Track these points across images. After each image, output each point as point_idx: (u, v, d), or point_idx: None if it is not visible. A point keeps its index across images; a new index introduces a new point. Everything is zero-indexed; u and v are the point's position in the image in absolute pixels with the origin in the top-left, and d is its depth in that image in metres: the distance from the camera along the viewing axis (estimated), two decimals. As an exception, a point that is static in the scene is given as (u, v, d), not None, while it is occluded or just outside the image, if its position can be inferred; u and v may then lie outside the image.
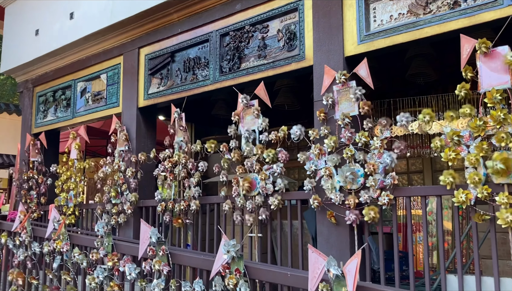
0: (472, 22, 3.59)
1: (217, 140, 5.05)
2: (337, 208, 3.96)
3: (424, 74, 5.60)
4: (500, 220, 3.15)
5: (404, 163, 7.26)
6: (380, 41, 4.04)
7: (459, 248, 3.43)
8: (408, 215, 3.74)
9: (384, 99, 5.81)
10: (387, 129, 3.84)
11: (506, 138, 3.19)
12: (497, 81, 3.31)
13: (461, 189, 3.35)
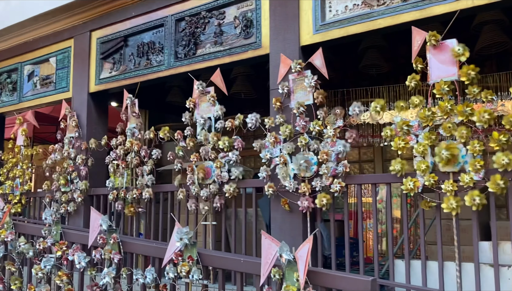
0: (423, 15, 3.69)
1: (172, 128, 4.98)
2: (291, 196, 4.01)
3: (376, 65, 5.74)
4: (445, 207, 3.29)
5: (356, 152, 7.44)
6: (335, 31, 4.09)
7: (406, 235, 3.56)
8: (359, 202, 3.84)
9: (338, 89, 5.90)
10: (340, 118, 3.90)
11: (453, 128, 3.31)
12: (445, 73, 3.43)
13: (410, 177, 3.47)
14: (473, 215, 3.30)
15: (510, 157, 3.12)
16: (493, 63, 5.89)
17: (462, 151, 3.28)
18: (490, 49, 5.06)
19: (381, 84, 5.92)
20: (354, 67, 6.10)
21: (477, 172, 3.20)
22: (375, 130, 6.07)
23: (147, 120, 7.99)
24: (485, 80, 5.26)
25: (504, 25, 4.90)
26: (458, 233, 3.35)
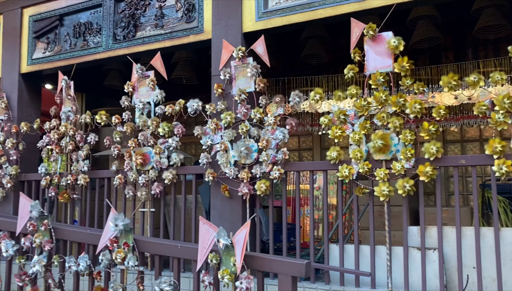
0: (362, 7, 3.79)
1: (110, 112, 4.82)
2: (231, 182, 4.01)
3: (317, 55, 5.84)
4: (378, 193, 3.43)
5: (296, 141, 7.57)
6: (277, 19, 4.11)
7: (341, 220, 3.68)
8: (297, 189, 3.91)
9: (280, 78, 5.96)
10: (281, 107, 3.94)
11: (386, 117, 3.44)
12: (381, 64, 3.55)
13: (345, 164, 3.58)
14: (403, 201, 3.46)
15: (439, 146, 3.30)
16: (426, 56, 6.18)
17: (394, 140, 3.43)
18: (423, 43, 5.29)
19: (322, 74, 6.04)
20: (296, 56, 6.17)
21: (408, 160, 3.35)
22: (314, 119, 6.19)
23: (83, 103, 7.68)
24: (418, 72, 5.50)
25: (437, 21, 5.13)
26: (389, 219, 3.51)
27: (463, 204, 6.30)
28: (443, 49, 6.21)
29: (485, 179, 5.96)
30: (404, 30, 4.93)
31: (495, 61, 5.21)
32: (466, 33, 5.69)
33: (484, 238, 3.32)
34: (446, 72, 4.88)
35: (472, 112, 3.45)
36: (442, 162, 3.35)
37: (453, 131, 6.50)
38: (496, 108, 3.13)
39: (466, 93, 4.28)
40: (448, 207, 5.01)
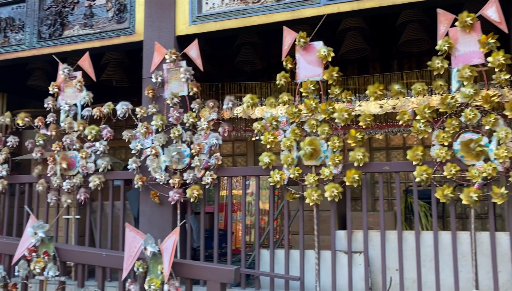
0: (295, 16, 3.86)
1: (34, 114, 4.56)
2: (162, 188, 3.93)
3: (251, 62, 5.88)
4: (308, 199, 3.50)
5: (230, 146, 7.57)
6: (211, 24, 4.09)
7: (272, 225, 3.71)
8: (229, 194, 3.90)
9: (213, 83, 5.94)
10: (214, 111, 3.92)
11: (316, 125, 3.53)
12: (312, 73, 3.64)
13: (277, 170, 3.62)
14: (332, 206, 3.56)
15: (365, 153, 3.43)
16: (354, 67, 6.42)
17: (323, 147, 3.52)
18: (352, 54, 5.49)
19: (256, 81, 6.09)
20: (231, 62, 6.18)
21: (336, 166, 3.45)
22: (248, 125, 6.22)
23: (4, 104, 7.18)
24: (347, 82, 5.70)
25: (365, 33, 5.35)
26: (318, 223, 3.59)
27: (388, 209, 6.59)
28: (370, 60, 6.48)
29: (408, 185, 6.27)
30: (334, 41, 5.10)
31: (417, 73, 5.52)
32: (392, 45, 5.97)
33: (406, 241, 3.48)
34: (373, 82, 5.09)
35: (396, 121, 3.61)
36: (368, 168, 3.49)
37: (379, 138, 6.79)
38: (418, 117, 3.31)
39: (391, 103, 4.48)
40: (374, 211, 5.22)
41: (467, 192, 3.14)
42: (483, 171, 3.10)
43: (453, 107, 3.22)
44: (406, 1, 3.57)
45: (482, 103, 3.15)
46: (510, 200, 3.18)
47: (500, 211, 5.63)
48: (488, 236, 3.28)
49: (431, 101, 4.73)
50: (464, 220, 6.07)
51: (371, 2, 3.65)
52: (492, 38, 3.13)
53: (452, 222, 3.38)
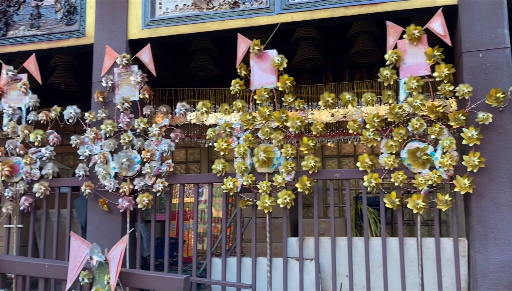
0: (249, 23, 3.88)
1: (-26, 117, 4.31)
2: (111, 196, 3.81)
3: (205, 68, 5.86)
4: (260, 206, 3.50)
5: (183, 153, 7.49)
6: (164, 29, 4.04)
7: (224, 233, 3.68)
8: (181, 202, 3.84)
9: (166, 88, 5.86)
10: (166, 117, 3.86)
11: (270, 132, 3.54)
12: (266, 80, 3.65)
13: (230, 177, 3.60)
14: (284, 213, 3.57)
15: (317, 160, 3.47)
16: (308, 76, 6.53)
17: (277, 154, 3.53)
18: (306, 63, 5.58)
19: (210, 87, 6.07)
20: (185, 68, 6.13)
21: (289, 173, 3.48)
22: (202, 131, 6.18)
23: None
24: (300, 90, 5.79)
25: (318, 43, 5.46)
26: (271, 230, 3.60)
27: (339, 216, 6.71)
28: (323, 70, 6.61)
29: (358, 192, 6.42)
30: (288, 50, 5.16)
31: (367, 83, 5.68)
32: (344, 56, 6.12)
33: (356, 247, 3.54)
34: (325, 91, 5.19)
35: (347, 129, 3.69)
36: (320, 175, 3.53)
37: (331, 146, 6.92)
38: (367, 126, 3.39)
39: (342, 112, 4.59)
40: (325, 218, 5.30)
41: (414, 199, 3.24)
42: (429, 178, 3.21)
43: (400, 117, 3.32)
44: (357, 13, 3.66)
45: (428, 113, 3.27)
46: (454, 207, 3.31)
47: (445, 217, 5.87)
48: (433, 242, 3.39)
49: (380, 110, 4.87)
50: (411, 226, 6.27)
51: (323, 13, 3.72)
52: (437, 51, 3.26)
53: (399, 228, 3.48)
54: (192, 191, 6.66)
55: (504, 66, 3.30)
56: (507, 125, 3.22)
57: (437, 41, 3.45)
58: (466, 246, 3.39)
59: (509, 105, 3.20)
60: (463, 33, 3.40)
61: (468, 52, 3.37)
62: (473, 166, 3.13)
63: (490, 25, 3.36)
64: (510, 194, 3.18)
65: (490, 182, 3.21)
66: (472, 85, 3.21)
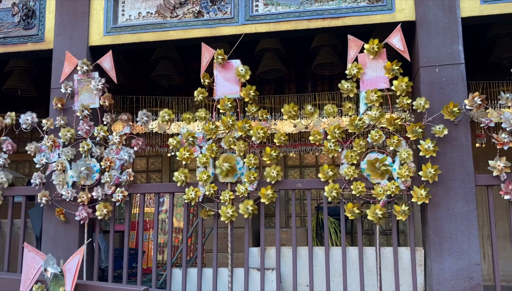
0: (213, 33, 3.88)
1: None
2: (68, 205, 3.70)
3: (168, 76, 5.81)
4: (222, 216, 3.48)
5: (144, 162, 7.38)
6: (127, 36, 3.99)
7: (185, 244, 3.64)
8: (141, 212, 3.77)
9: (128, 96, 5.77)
10: (127, 125, 3.80)
11: (233, 142, 3.54)
12: (229, 90, 3.66)
13: (192, 186, 3.57)
14: (246, 223, 3.56)
15: (279, 170, 3.49)
16: (271, 86, 6.60)
17: (239, 164, 3.53)
18: (269, 74, 5.64)
19: (174, 95, 6.02)
20: (148, 76, 6.07)
21: (251, 183, 3.48)
22: (164, 140, 6.12)
23: None
24: (263, 101, 5.85)
25: (282, 54, 5.53)
26: (232, 240, 3.58)
27: (301, 225, 6.76)
28: (286, 81, 6.69)
29: (319, 201, 6.49)
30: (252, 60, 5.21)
31: (329, 95, 5.78)
32: (307, 68, 6.22)
33: (316, 257, 3.58)
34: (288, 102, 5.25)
35: (309, 140, 3.73)
36: (282, 185, 3.55)
37: (293, 156, 6.99)
38: (328, 137, 3.44)
39: (304, 122, 4.65)
40: (287, 228, 5.32)
41: (373, 209, 3.31)
42: (387, 189, 3.29)
43: (360, 128, 3.40)
44: (319, 26, 3.74)
45: (386, 125, 3.36)
46: (411, 216, 3.40)
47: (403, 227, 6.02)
48: (391, 251, 3.47)
49: (341, 122, 4.96)
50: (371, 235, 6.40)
51: (287, 25, 3.77)
52: (396, 65, 3.36)
53: (359, 238, 3.54)
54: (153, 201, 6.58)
55: (459, 81, 3.44)
56: (462, 138, 3.35)
57: (397, 55, 3.56)
58: (422, 255, 3.49)
59: (463, 119, 3.33)
60: (421, 48, 3.53)
61: (425, 67, 3.49)
62: (429, 177, 3.23)
63: (446, 42, 3.50)
64: (464, 205, 3.29)
65: (445, 193, 3.32)
66: (429, 99, 3.32)
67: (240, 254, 4.02)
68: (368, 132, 3.40)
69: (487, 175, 3.31)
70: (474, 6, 3.52)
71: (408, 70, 3.67)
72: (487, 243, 5.62)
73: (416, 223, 3.78)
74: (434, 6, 3.55)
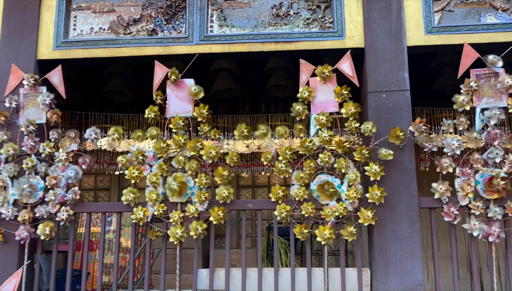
0: (167, 52, 3.87)
1: None
2: (7, 224, 3.52)
3: (121, 93, 5.71)
4: (171, 236, 3.42)
5: (92, 180, 7.17)
6: (78, 51, 3.90)
7: (132, 265, 3.52)
8: (87, 232, 3.65)
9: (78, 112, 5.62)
10: (75, 142, 3.69)
11: (184, 161, 3.51)
12: (182, 109, 3.64)
13: (141, 206, 3.49)
14: (195, 243, 3.52)
15: (230, 191, 3.48)
16: (225, 106, 6.62)
17: (190, 183, 3.50)
18: (223, 94, 5.66)
19: (125, 113, 5.92)
20: (99, 92, 5.94)
21: (202, 203, 3.45)
22: (113, 158, 5.97)
23: None
24: (217, 120, 5.85)
25: (236, 74, 5.58)
26: (181, 262, 3.52)
27: (252, 246, 6.74)
28: (240, 101, 6.74)
29: (271, 222, 6.52)
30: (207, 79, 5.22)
31: (281, 116, 5.87)
32: (261, 89, 6.29)
33: (266, 278, 3.57)
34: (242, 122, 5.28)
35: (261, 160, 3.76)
36: (233, 205, 3.55)
37: (245, 177, 7.00)
38: (280, 158, 3.48)
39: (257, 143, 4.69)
40: (238, 248, 5.29)
41: (322, 230, 3.35)
42: (336, 210, 3.35)
43: (311, 150, 3.46)
44: (273, 49, 3.81)
45: (335, 148, 3.44)
46: (359, 238, 3.47)
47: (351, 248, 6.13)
48: (339, 272, 3.51)
49: (293, 143, 5.04)
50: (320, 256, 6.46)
51: (241, 46, 3.82)
52: (345, 90, 3.47)
53: (307, 258, 3.57)
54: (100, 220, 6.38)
55: (404, 107, 3.59)
56: (406, 162, 3.48)
57: (346, 80, 3.67)
58: (369, 276, 3.56)
59: (408, 143, 3.47)
60: (369, 74, 3.66)
61: (373, 93, 3.62)
62: (375, 199, 3.32)
63: (393, 69, 3.65)
64: (409, 226, 3.40)
65: (391, 215, 3.42)
66: (376, 123, 3.44)
67: (189, 276, 3.94)
68: (318, 154, 3.46)
69: (430, 198, 3.44)
70: (419, 36, 3.70)
71: (357, 95, 3.80)
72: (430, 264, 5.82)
73: (364, 244, 3.87)
74: (382, 34, 3.70)
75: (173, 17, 3.93)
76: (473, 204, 3.31)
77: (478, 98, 3.43)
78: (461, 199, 3.35)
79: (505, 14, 3.72)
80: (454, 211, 3.32)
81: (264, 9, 3.89)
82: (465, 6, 3.77)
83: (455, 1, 3.77)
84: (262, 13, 3.88)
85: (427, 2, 3.74)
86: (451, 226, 3.41)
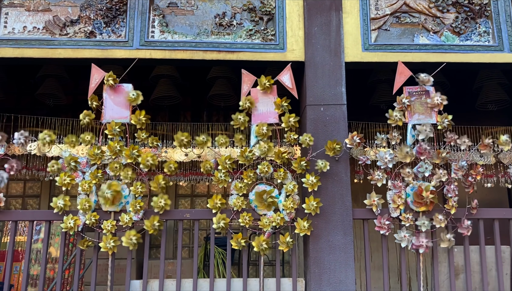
0: (105, 55, 3.75)
1: None
2: None
3: (55, 95, 5.46)
4: (103, 247, 3.29)
5: (21, 186, 6.77)
6: (8, 50, 3.69)
7: (60, 276, 3.36)
8: (11, 241, 3.43)
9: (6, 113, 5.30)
10: (1, 146, 3.47)
11: (119, 168, 3.39)
12: (119, 114, 3.53)
13: (71, 214, 3.34)
14: (128, 254, 3.40)
15: (167, 200, 3.40)
16: (166, 113, 6.51)
17: (125, 192, 3.39)
18: (164, 100, 5.57)
19: (59, 116, 5.66)
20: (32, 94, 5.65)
21: (137, 212, 3.35)
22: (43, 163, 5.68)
23: None
24: (156, 127, 5.74)
25: (178, 82, 5.51)
26: (113, 273, 3.39)
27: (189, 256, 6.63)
28: (182, 109, 6.66)
29: (209, 232, 6.45)
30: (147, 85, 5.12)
31: (222, 125, 5.86)
32: (203, 97, 6.25)
33: (201, 289, 3.51)
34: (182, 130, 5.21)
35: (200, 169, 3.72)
36: (169, 215, 3.47)
37: (184, 186, 6.90)
38: (219, 167, 3.45)
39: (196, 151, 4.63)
40: (175, 259, 5.19)
41: (258, 240, 3.35)
42: (273, 220, 3.37)
43: (250, 160, 3.46)
44: (215, 58, 3.80)
45: (274, 158, 3.47)
46: (295, 248, 3.50)
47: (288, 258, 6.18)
48: (274, 282, 3.53)
49: (232, 152, 5.03)
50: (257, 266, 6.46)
51: (182, 54, 3.78)
52: (285, 102, 3.51)
53: (244, 269, 3.55)
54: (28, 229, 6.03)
55: (340, 120, 3.69)
56: (342, 173, 3.57)
57: (287, 92, 3.72)
58: (303, 286, 3.59)
59: (343, 156, 3.56)
60: (308, 88, 3.73)
61: (312, 105, 3.70)
62: (311, 209, 3.37)
63: (331, 83, 3.75)
64: (343, 237, 3.48)
65: (326, 225, 3.49)
66: (314, 136, 3.51)
67: (121, 287, 3.79)
68: (257, 164, 3.47)
69: (364, 209, 3.54)
70: (356, 52, 3.83)
71: (297, 107, 3.86)
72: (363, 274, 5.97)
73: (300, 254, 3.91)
74: (321, 49, 3.80)
75: (113, 20, 3.82)
76: (404, 216, 3.45)
77: (410, 114, 3.60)
78: (393, 211, 3.48)
79: (436, 36, 3.94)
80: (385, 222, 3.43)
81: (207, 18, 3.87)
82: (400, 26, 3.95)
83: (391, 20, 3.95)
84: (205, 21, 3.87)
85: (365, 20, 3.89)
86: (383, 237, 3.53)
